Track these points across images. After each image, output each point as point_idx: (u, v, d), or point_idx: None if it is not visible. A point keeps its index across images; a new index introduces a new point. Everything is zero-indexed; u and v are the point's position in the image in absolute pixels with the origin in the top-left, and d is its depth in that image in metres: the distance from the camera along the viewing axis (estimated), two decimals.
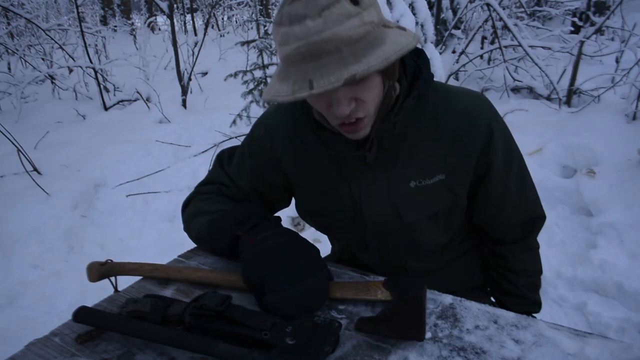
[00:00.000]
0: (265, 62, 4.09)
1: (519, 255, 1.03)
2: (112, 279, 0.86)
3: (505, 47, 4.44)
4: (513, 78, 4.62)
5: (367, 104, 0.75)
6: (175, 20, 7.05)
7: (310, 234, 2.73)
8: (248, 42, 4.37)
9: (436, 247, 0.98)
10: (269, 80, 4.16)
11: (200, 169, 3.70)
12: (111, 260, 0.86)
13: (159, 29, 16.42)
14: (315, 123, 0.86)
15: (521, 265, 1.04)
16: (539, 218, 1.02)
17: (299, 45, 0.67)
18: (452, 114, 0.86)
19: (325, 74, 0.66)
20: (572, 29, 5.64)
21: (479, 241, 1.09)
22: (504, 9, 5.07)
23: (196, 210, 0.96)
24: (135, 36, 12.00)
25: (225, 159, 1.02)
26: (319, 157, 0.92)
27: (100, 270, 0.85)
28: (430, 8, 4.52)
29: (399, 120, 0.82)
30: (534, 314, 1.07)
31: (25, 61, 6.63)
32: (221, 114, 4.72)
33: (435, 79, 0.90)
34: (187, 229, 0.99)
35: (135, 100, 5.58)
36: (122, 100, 5.75)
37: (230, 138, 4.08)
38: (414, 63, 0.84)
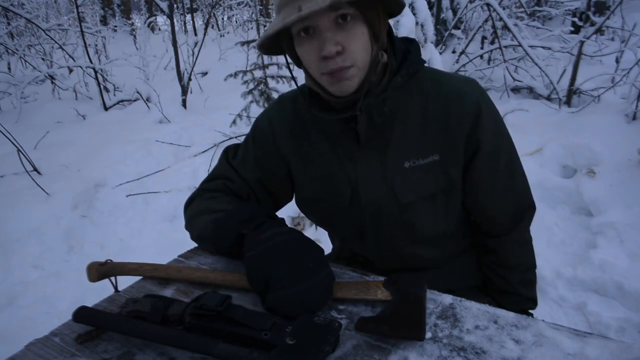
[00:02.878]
0: (265, 62, 4.09)
1: (509, 248, 1.03)
2: (113, 279, 0.86)
3: (505, 47, 4.44)
4: (513, 78, 4.63)
5: (353, 53, 0.79)
6: (175, 20, 7.05)
7: (310, 234, 2.73)
8: (248, 42, 4.37)
9: (435, 234, 0.98)
10: (269, 80, 4.17)
11: (200, 169, 3.70)
12: (111, 260, 0.86)
13: (159, 29, 16.41)
14: (310, 96, 0.90)
15: (513, 259, 1.03)
16: (529, 207, 1.02)
17: None
18: (442, 95, 0.89)
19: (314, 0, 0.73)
20: (572, 29, 5.64)
21: (475, 239, 1.09)
22: (504, 9, 5.08)
23: (200, 209, 0.97)
24: (135, 36, 12.00)
25: (230, 153, 1.06)
26: (319, 145, 0.96)
27: (100, 271, 0.85)
28: (430, 8, 4.52)
29: (387, 96, 0.86)
30: (530, 310, 1.07)
31: (25, 61, 6.64)
32: (221, 114, 4.72)
33: None
34: (188, 227, 0.99)
35: (135, 100, 5.58)
36: (122, 100, 5.75)
37: (230, 138, 4.08)
38: (404, 46, 0.89)
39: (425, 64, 0.92)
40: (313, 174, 0.98)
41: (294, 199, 1.10)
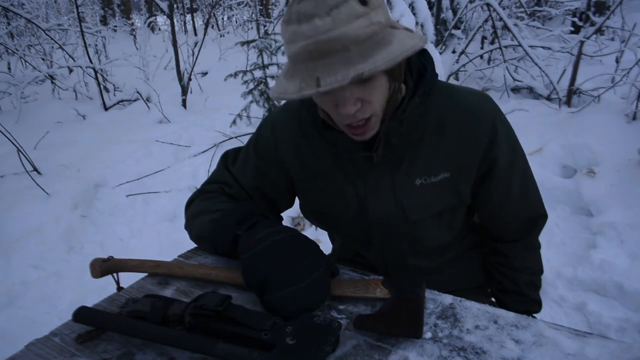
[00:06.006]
0: (265, 62, 4.09)
1: (520, 254, 1.03)
2: (115, 276, 0.86)
3: (505, 47, 4.44)
4: (513, 78, 4.63)
5: (373, 104, 0.76)
6: (175, 20, 7.05)
7: (310, 233, 2.73)
8: (248, 42, 4.37)
9: (439, 245, 0.99)
10: (269, 80, 4.17)
11: (200, 169, 3.70)
12: (112, 257, 0.87)
13: (159, 29, 16.42)
14: (322, 123, 0.87)
15: (523, 263, 1.04)
16: (541, 216, 1.03)
17: (307, 44, 0.68)
18: (457, 112, 0.87)
19: (332, 72, 0.67)
20: (572, 29, 5.65)
21: (480, 240, 1.09)
22: (504, 9, 5.08)
23: (199, 210, 0.97)
24: (135, 36, 12.01)
25: (230, 159, 1.03)
26: (324, 158, 0.93)
27: (103, 267, 0.85)
28: (430, 8, 4.52)
29: (405, 118, 0.83)
30: (534, 314, 1.08)
31: (25, 61, 6.64)
32: (221, 114, 4.72)
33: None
34: (187, 227, 0.99)
35: (135, 100, 5.58)
36: (122, 100, 5.75)
37: (230, 138, 4.08)
38: (419, 62, 0.86)
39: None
40: (318, 188, 0.96)
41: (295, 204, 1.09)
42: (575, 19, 5.83)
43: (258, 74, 4.16)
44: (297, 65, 0.71)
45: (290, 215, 2.93)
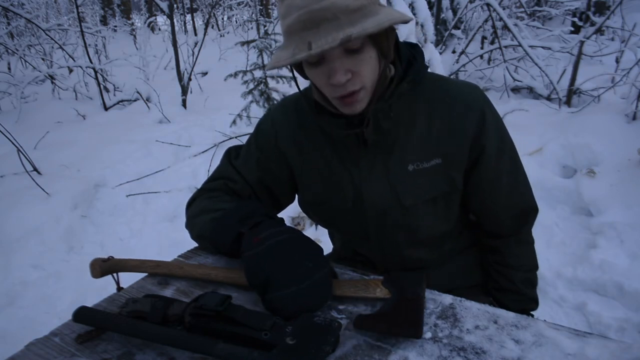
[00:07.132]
0: (265, 62, 4.09)
1: (514, 250, 1.04)
2: (115, 276, 0.86)
3: (505, 47, 4.45)
4: (513, 78, 4.63)
5: (362, 77, 0.80)
6: (175, 20, 7.06)
7: (310, 234, 2.73)
8: (248, 42, 4.37)
9: (436, 236, 0.99)
10: (269, 80, 4.17)
11: (200, 169, 3.70)
12: (112, 257, 0.87)
13: (159, 29, 16.43)
14: (316, 106, 0.91)
15: (517, 260, 1.04)
16: (532, 209, 1.03)
17: (300, 14, 0.73)
18: (447, 100, 0.90)
19: (324, 36, 0.72)
20: (572, 29, 5.65)
21: (477, 239, 1.10)
22: (504, 9, 5.08)
23: (200, 209, 0.97)
24: (135, 36, 12.02)
25: (233, 154, 1.06)
26: (321, 148, 0.96)
27: (103, 267, 0.85)
28: (430, 8, 4.52)
29: (394, 102, 0.87)
30: (531, 312, 1.08)
31: (25, 61, 6.64)
32: (221, 114, 4.72)
33: None
34: (188, 226, 1.00)
35: (135, 100, 5.58)
36: (122, 100, 5.75)
37: (230, 138, 4.08)
38: (409, 53, 0.90)
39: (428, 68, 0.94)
40: (315, 177, 0.99)
41: (295, 200, 1.10)
42: (575, 19, 5.84)
43: (258, 74, 4.16)
44: (292, 36, 0.76)
45: (290, 215, 2.94)
